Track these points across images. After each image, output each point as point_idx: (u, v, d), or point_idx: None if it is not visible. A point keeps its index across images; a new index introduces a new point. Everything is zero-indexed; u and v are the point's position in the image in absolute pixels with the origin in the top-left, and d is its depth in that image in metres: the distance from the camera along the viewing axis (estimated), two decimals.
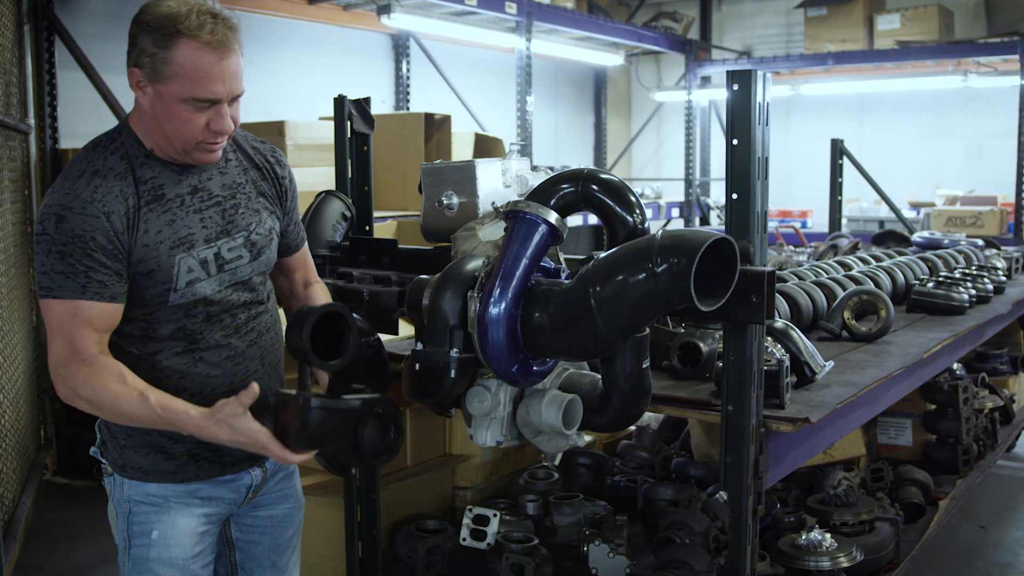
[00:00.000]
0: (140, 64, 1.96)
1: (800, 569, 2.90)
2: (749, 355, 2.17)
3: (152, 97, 1.98)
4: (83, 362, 1.94)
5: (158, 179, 2.04)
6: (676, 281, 1.77)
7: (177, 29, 1.92)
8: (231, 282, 2.12)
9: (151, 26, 1.94)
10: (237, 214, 2.14)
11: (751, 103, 2.12)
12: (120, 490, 2.16)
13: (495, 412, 2.11)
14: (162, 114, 1.98)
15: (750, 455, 2.21)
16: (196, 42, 1.93)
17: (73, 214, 1.93)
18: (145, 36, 1.95)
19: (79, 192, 1.95)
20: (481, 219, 2.37)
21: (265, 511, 2.33)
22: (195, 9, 1.95)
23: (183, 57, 1.93)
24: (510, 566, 3.04)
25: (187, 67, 1.94)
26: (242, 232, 2.13)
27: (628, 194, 2.16)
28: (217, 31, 1.96)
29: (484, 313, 1.94)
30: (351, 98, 2.96)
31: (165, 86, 1.95)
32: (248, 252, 2.15)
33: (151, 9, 1.97)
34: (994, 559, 4.50)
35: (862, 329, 3.35)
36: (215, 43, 1.95)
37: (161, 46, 1.93)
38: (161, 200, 2.04)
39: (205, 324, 2.10)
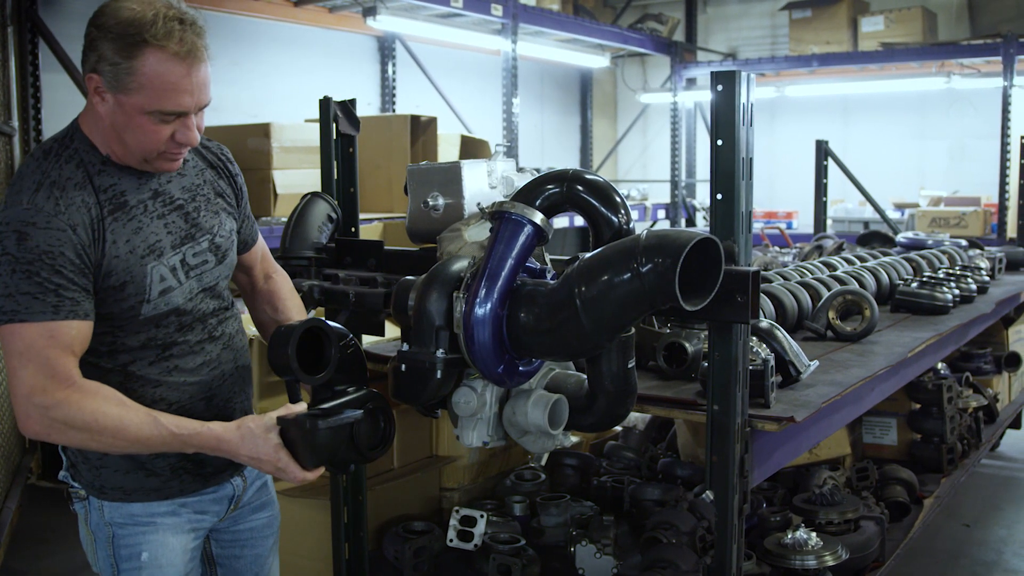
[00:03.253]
0: (100, 71, 1.83)
1: (786, 568, 2.91)
2: (734, 355, 2.17)
3: (112, 106, 1.86)
4: (70, 387, 1.80)
5: (118, 186, 1.94)
6: (661, 281, 1.78)
7: (143, 38, 1.80)
8: (199, 288, 2.05)
9: (113, 32, 1.81)
10: (200, 217, 2.06)
11: (735, 104, 2.13)
12: (99, 513, 2.04)
13: (481, 413, 2.11)
14: (122, 124, 1.87)
15: (736, 454, 2.21)
16: (163, 53, 1.81)
17: (37, 229, 1.80)
18: (106, 42, 1.82)
19: (40, 205, 1.82)
20: (467, 220, 2.38)
21: (246, 523, 2.27)
22: (161, 14, 1.83)
23: (149, 69, 1.81)
24: (497, 567, 3.04)
25: (153, 79, 1.82)
26: (206, 235, 2.06)
27: (613, 195, 2.17)
28: (186, 39, 1.84)
29: (470, 314, 1.95)
30: (337, 100, 2.96)
31: (128, 97, 1.83)
32: (213, 256, 2.08)
33: (112, 12, 1.84)
34: (979, 557, 4.53)
35: (847, 329, 3.37)
36: (183, 53, 1.83)
37: (124, 55, 1.81)
38: (124, 208, 1.93)
39: (177, 333, 2.02)
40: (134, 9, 1.82)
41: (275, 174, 5.96)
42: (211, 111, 1.94)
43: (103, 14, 1.85)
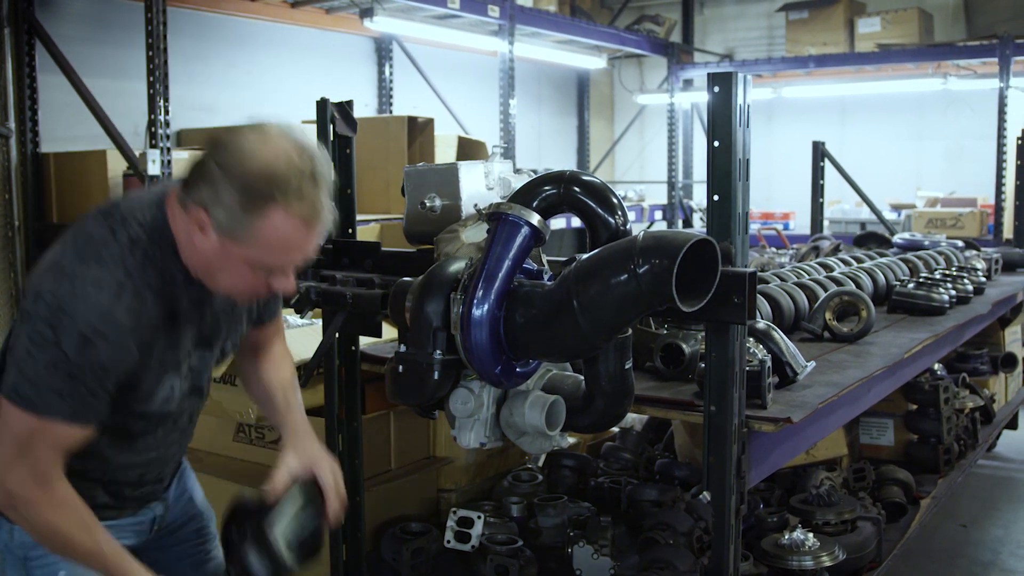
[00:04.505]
0: (212, 213, 1.68)
1: (783, 569, 2.91)
2: (731, 355, 2.18)
3: (214, 246, 1.72)
4: (43, 488, 1.71)
5: (183, 298, 1.82)
6: (658, 282, 1.79)
7: (272, 196, 1.65)
8: (189, 388, 1.95)
9: (239, 181, 1.65)
10: (221, 324, 1.96)
11: (732, 105, 2.13)
12: (9, 535, 1.89)
13: (478, 413, 2.11)
14: (219, 265, 1.75)
15: (733, 455, 2.22)
16: (289, 214, 1.66)
17: (107, 343, 1.68)
18: (228, 188, 1.65)
19: (118, 318, 1.68)
20: (464, 221, 2.38)
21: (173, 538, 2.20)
22: (295, 169, 1.66)
23: (270, 228, 1.67)
24: (495, 568, 3.04)
25: (271, 239, 1.69)
26: (220, 342, 1.98)
27: (610, 196, 2.17)
28: (315, 200, 1.69)
29: (467, 315, 1.95)
30: (334, 101, 2.96)
31: (236, 246, 1.70)
32: (218, 357, 2.01)
33: (240, 155, 1.65)
34: (975, 557, 4.53)
35: (843, 330, 3.38)
36: (309, 217, 1.69)
37: (247, 209, 1.66)
38: (175, 319, 1.82)
39: (152, 427, 1.92)
40: (266, 159, 1.66)
41: None
42: (207, 112, 1.93)
43: (228, 152, 1.67)
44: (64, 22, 5.96)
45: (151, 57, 4.91)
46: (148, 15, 4.90)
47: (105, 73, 6.05)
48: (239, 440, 3.57)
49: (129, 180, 5.35)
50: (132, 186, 5.31)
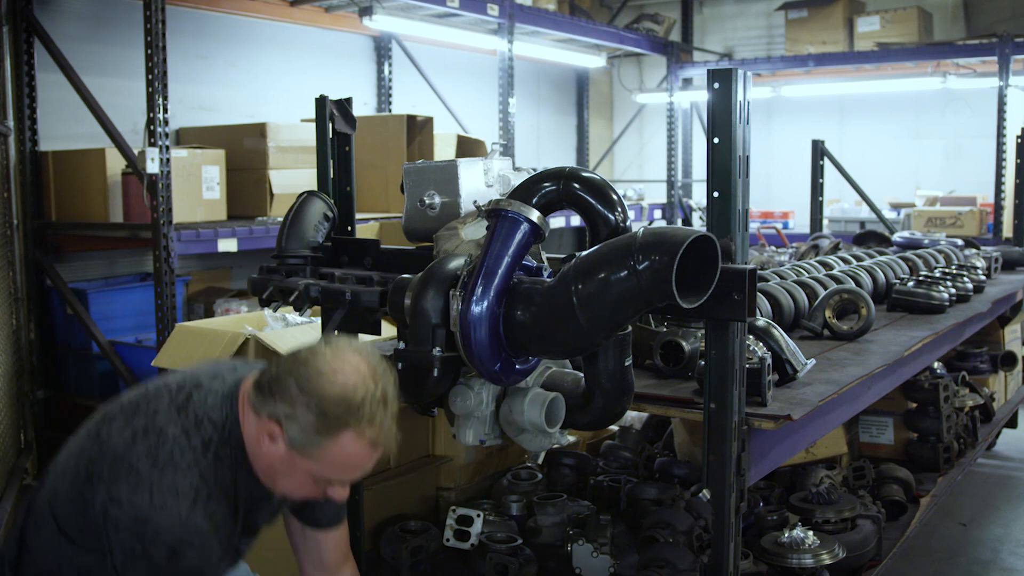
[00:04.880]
0: (286, 429, 1.78)
1: (783, 567, 2.91)
2: (731, 353, 2.17)
3: (282, 455, 1.82)
4: None
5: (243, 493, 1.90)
6: (658, 279, 1.78)
7: (347, 422, 1.76)
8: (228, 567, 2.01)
9: (317, 406, 1.75)
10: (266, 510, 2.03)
11: (732, 102, 2.13)
12: None
13: (478, 411, 2.11)
14: (283, 471, 1.84)
15: (732, 452, 2.22)
16: (360, 439, 1.78)
17: (192, 548, 1.76)
18: (306, 411, 1.76)
19: (199, 524, 1.77)
20: (463, 218, 2.37)
21: None
22: (370, 395, 1.76)
23: (339, 449, 1.78)
24: (494, 566, 3.04)
25: (338, 459, 1.79)
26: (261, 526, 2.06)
27: (610, 192, 2.16)
28: (385, 426, 1.80)
29: (466, 312, 1.94)
30: (333, 98, 2.96)
31: (304, 460, 1.80)
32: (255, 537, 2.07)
33: (321, 381, 1.75)
34: (975, 556, 4.53)
35: (843, 328, 3.37)
36: (378, 442, 1.80)
37: (322, 432, 1.76)
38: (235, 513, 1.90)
39: None
40: (343, 383, 1.76)
41: (271, 174, 5.96)
42: (207, 111, 1.92)
43: (308, 373, 1.77)
44: (63, 20, 5.95)
45: (150, 55, 4.90)
46: (147, 13, 4.89)
47: (104, 71, 6.04)
48: None
49: (128, 178, 5.35)
50: (131, 185, 5.31)
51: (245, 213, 5.93)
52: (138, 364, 5.33)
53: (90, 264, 6.09)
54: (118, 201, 5.41)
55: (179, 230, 5.07)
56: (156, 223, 4.96)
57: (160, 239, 4.96)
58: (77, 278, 5.91)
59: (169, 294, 5.02)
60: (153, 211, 4.97)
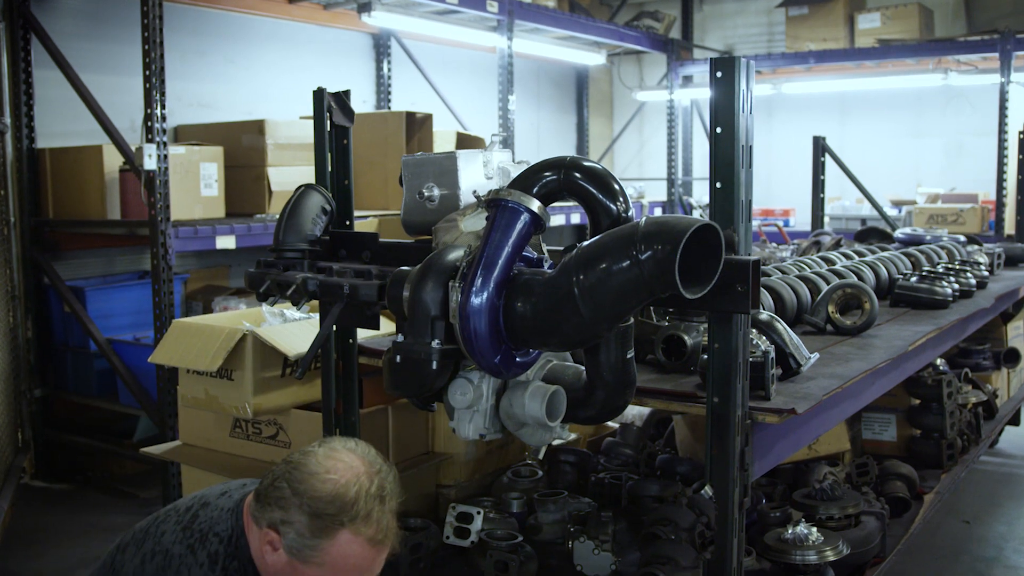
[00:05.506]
0: (283, 534, 1.75)
1: (787, 563, 2.87)
2: (734, 346, 2.14)
3: (284, 564, 1.78)
4: None
5: None
6: (660, 268, 1.75)
7: (341, 521, 1.72)
8: None
9: (310, 507, 1.72)
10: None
11: (735, 91, 2.10)
12: None
13: (478, 404, 2.07)
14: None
15: (736, 447, 2.18)
16: (358, 538, 1.74)
17: None
18: (299, 513, 1.73)
19: None
20: (463, 210, 2.34)
21: None
22: (364, 491, 1.74)
23: (338, 551, 1.74)
24: (494, 564, 3.00)
25: (338, 561, 1.75)
26: None
27: (612, 182, 2.13)
28: (383, 522, 1.76)
29: (466, 303, 1.91)
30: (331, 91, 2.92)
31: (306, 568, 1.76)
32: None
33: (316, 484, 1.72)
34: (979, 554, 4.50)
35: (846, 323, 3.34)
36: (377, 540, 1.76)
37: (318, 535, 1.73)
38: None
39: None
40: (336, 481, 1.73)
41: (270, 171, 5.93)
42: (206, 108, 1.89)
43: (300, 475, 1.75)
44: (60, 17, 5.92)
45: (147, 51, 4.87)
46: (144, 8, 4.86)
47: (101, 68, 6.01)
48: (236, 436, 3.54)
49: (125, 175, 5.32)
50: (128, 182, 5.28)
51: (243, 211, 5.90)
52: (136, 362, 5.29)
53: (88, 262, 6.07)
54: (115, 198, 5.38)
55: (177, 227, 5.04)
56: (154, 220, 4.93)
57: (158, 236, 4.93)
58: (75, 276, 5.88)
59: (167, 291, 4.98)
60: (151, 208, 4.94)
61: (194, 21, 6.72)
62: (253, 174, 5.95)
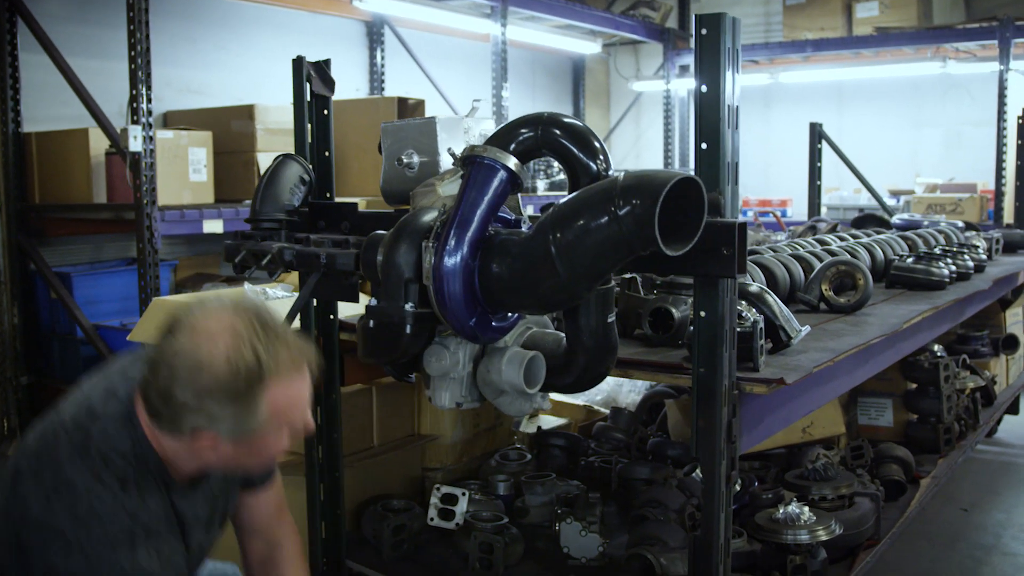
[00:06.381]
0: (221, 431, 1.65)
1: (778, 543, 2.80)
2: (720, 312, 2.07)
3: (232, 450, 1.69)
4: None
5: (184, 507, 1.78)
6: (640, 224, 1.67)
7: (260, 383, 1.63)
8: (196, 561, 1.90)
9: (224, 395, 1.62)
10: (221, 499, 1.91)
11: (720, 48, 2.02)
12: None
13: (454, 372, 2.00)
14: (245, 455, 1.72)
15: (723, 418, 2.11)
16: (281, 383, 1.65)
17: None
18: (216, 404, 1.62)
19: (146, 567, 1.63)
20: (441, 175, 2.26)
21: None
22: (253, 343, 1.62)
23: (274, 405, 1.65)
24: (479, 545, 2.93)
25: (281, 410, 1.67)
26: (220, 513, 1.93)
27: (592, 139, 2.05)
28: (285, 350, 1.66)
29: (439, 264, 1.84)
30: None
31: (255, 438, 1.68)
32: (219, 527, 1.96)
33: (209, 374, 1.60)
34: (977, 541, 4.43)
35: (840, 300, 3.27)
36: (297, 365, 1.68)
37: (249, 409, 1.64)
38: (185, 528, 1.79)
39: None
40: (226, 355, 1.61)
41: (259, 156, 5.87)
42: (196, 95, 1.82)
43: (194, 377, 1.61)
44: (47, 1, 5.85)
45: (132, 31, 4.80)
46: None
47: (89, 53, 5.93)
48: None
49: (112, 159, 5.25)
50: (114, 166, 5.21)
51: (233, 196, 5.83)
52: (123, 348, 5.22)
53: (75, 248, 6.00)
54: (102, 182, 5.30)
55: (164, 211, 4.97)
56: (139, 203, 4.86)
57: (143, 219, 4.86)
58: (62, 262, 5.81)
59: (153, 275, 4.91)
60: (136, 190, 4.86)
61: (184, 7, 6.65)
62: (243, 159, 5.88)
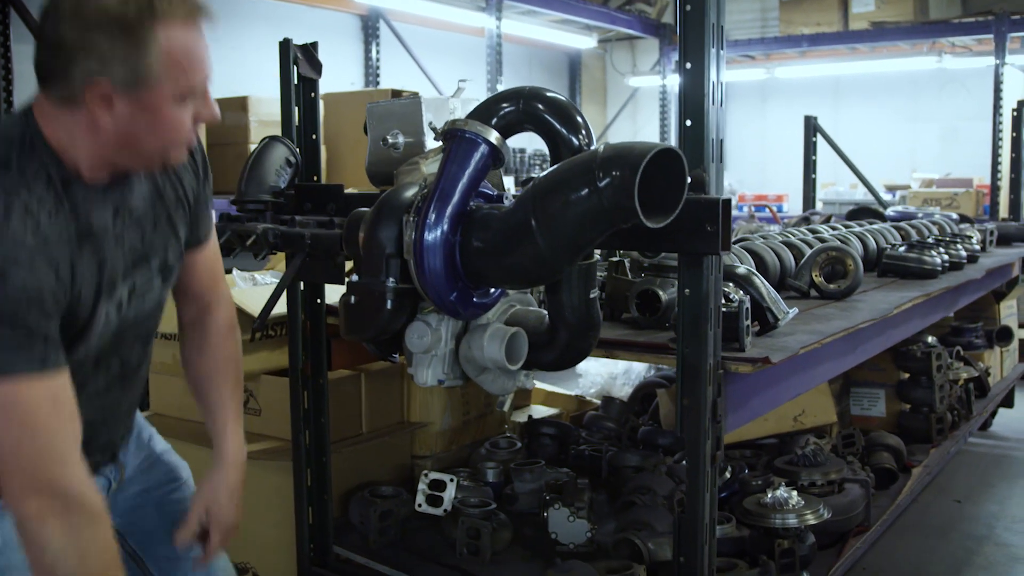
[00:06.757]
0: (113, 76, 1.52)
1: (766, 527, 2.78)
2: (705, 290, 2.05)
3: (128, 111, 1.56)
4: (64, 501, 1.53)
5: (83, 208, 1.61)
6: (620, 195, 1.66)
7: (151, 17, 1.51)
8: (134, 318, 1.76)
9: (106, 24, 1.50)
10: (156, 232, 1.78)
11: (704, 24, 2.01)
12: None
13: (436, 349, 1.99)
14: (144, 127, 1.59)
15: (708, 396, 2.10)
16: (173, 23, 1.54)
17: (19, 268, 1.47)
18: (103, 37, 1.50)
19: (19, 237, 1.49)
20: (426, 154, 2.25)
21: (135, 486, 1.99)
22: None
23: (167, 46, 1.53)
24: (466, 530, 2.92)
25: (175, 57, 1.54)
26: (158, 255, 1.78)
27: (574, 114, 2.04)
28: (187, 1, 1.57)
29: (420, 238, 1.83)
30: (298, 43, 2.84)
31: (150, 91, 1.55)
32: (160, 277, 1.80)
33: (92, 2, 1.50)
34: (969, 532, 4.41)
35: (830, 287, 3.26)
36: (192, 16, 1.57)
37: (137, 46, 1.52)
38: (91, 237, 1.62)
39: (92, 370, 1.72)
40: None
41: (252, 148, 5.84)
42: None
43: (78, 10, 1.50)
44: None
45: None
46: None
47: None
48: None
49: None
50: None
51: (226, 188, 5.74)
52: None
53: None
54: None
55: None
56: None
57: None
58: None
59: None
60: None
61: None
62: (236, 151, 5.86)
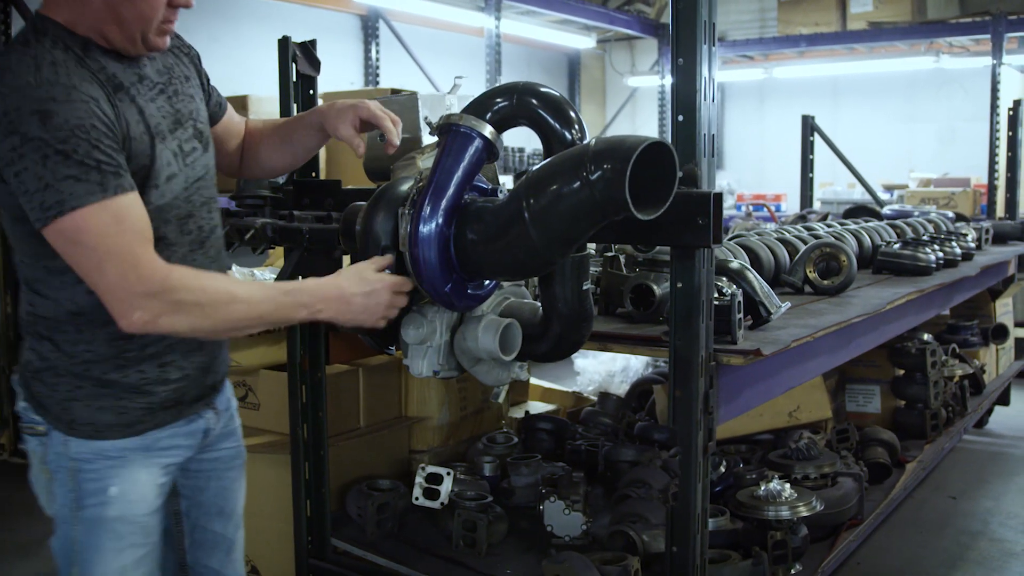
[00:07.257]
0: None
1: (759, 519, 2.81)
2: (697, 283, 2.08)
3: None
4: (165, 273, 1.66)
5: (108, 68, 1.74)
6: (611, 188, 1.69)
7: None
8: (194, 179, 1.90)
9: None
10: (179, 101, 1.91)
11: (696, 21, 2.04)
12: (62, 448, 1.85)
13: (431, 340, 2.02)
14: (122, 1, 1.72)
15: (700, 388, 2.13)
16: None
17: (59, 104, 1.60)
18: None
19: (53, 80, 1.62)
20: (422, 149, 2.28)
21: (211, 452, 2.11)
22: None
23: None
24: (462, 523, 2.95)
25: None
26: (190, 121, 1.92)
27: (567, 109, 2.07)
28: None
29: (415, 231, 1.86)
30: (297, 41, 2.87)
31: None
32: (199, 143, 1.94)
33: None
34: (964, 527, 4.44)
35: (824, 283, 3.29)
36: None
37: None
38: (122, 89, 1.75)
39: (177, 234, 1.86)
40: None
41: None
42: None
43: None
44: None
45: None
46: None
47: None
48: None
49: None
50: None
51: (227, 187, 5.80)
52: None
53: None
54: None
55: None
56: None
57: None
58: None
59: None
60: None
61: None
62: None
